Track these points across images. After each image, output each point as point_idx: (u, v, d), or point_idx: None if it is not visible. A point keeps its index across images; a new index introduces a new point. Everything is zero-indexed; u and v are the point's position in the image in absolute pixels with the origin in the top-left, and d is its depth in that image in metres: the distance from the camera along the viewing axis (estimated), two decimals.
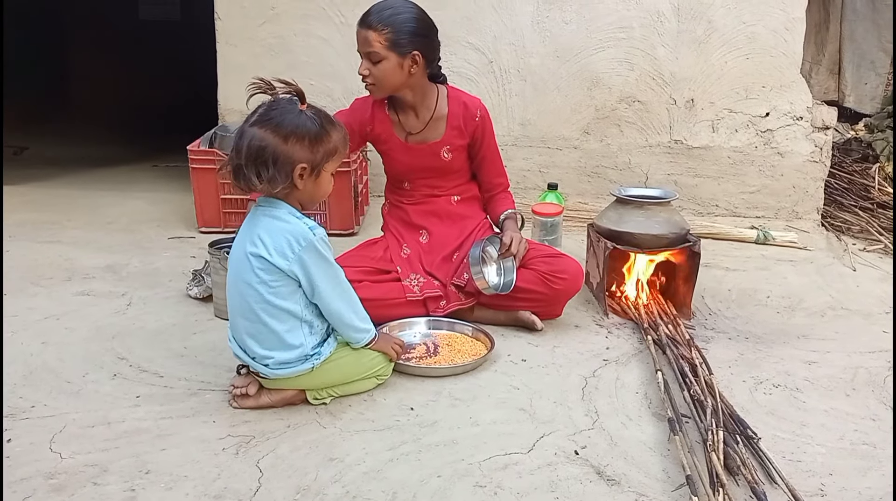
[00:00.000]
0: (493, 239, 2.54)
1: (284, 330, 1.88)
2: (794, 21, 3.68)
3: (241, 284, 1.88)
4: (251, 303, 1.86)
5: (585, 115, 3.90)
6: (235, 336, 1.95)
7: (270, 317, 1.86)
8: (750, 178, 3.85)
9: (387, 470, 1.71)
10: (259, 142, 1.78)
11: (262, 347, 1.89)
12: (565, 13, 3.78)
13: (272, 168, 1.79)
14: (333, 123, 1.89)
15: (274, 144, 1.79)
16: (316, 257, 1.85)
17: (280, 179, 1.80)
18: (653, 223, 2.59)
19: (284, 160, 1.79)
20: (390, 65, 2.35)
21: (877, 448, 1.87)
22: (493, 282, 2.47)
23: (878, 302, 2.84)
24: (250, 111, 1.86)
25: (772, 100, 3.76)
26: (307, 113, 1.83)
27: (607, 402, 2.06)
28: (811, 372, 2.26)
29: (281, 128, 1.79)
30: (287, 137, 1.79)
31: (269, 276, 1.84)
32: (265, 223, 1.86)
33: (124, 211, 3.84)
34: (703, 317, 2.67)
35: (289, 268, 1.84)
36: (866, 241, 3.61)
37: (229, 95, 3.97)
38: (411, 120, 2.53)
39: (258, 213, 1.89)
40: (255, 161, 1.78)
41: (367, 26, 2.33)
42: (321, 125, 1.84)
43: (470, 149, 2.61)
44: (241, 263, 1.88)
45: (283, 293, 1.86)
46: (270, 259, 1.83)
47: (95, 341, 2.35)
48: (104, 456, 1.74)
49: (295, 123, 1.80)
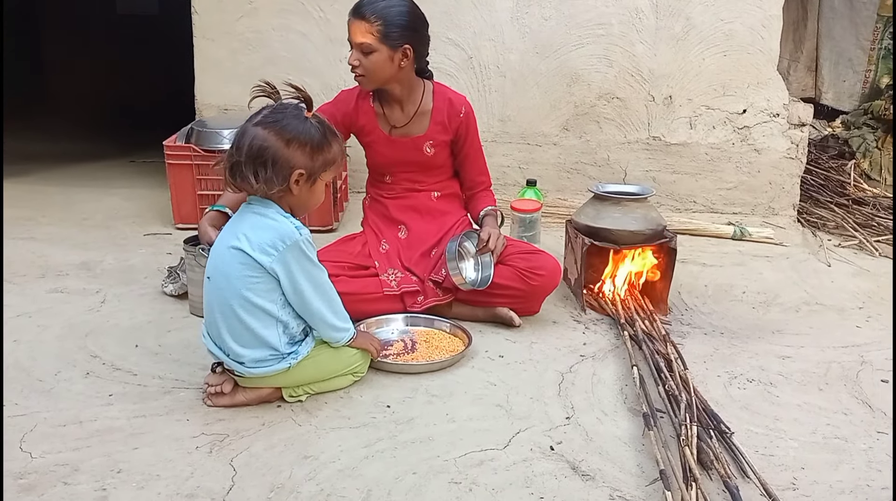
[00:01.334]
0: (470, 234, 2.54)
1: (260, 327, 1.87)
2: (770, 18, 3.70)
3: (219, 278, 1.87)
4: (228, 298, 1.85)
5: (565, 111, 3.90)
6: (211, 333, 1.93)
7: (246, 313, 1.85)
8: (727, 174, 3.87)
9: (362, 468, 1.70)
10: (261, 142, 1.79)
11: (238, 344, 1.87)
12: (544, 9, 3.78)
13: (270, 169, 1.80)
14: (336, 134, 1.91)
15: (276, 147, 1.80)
16: (299, 256, 1.85)
17: (277, 181, 1.81)
18: (630, 220, 2.60)
19: (284, 163, 1.80)
20: (381, 57, 2.35)
21: (848, 441, 1.89)
22: (470, 277, 2.47)
23: (851, 297, 2.87)
24: (254, 111, 1.87)
25: (749, 97, 3.78)
26: (312, 121, 1.85)
27: (583, 397, 2.07)
28: (785, 367, 2.28)
29: (285, 131, 1.80)
30: (289, 142, 1.81)
31: (249, 272, 1.83)
32: (251, 220, 1.86)
33: (100, 207, 3.79)
34: (679, 312, 2.69)
35: (270, 265, 1.83)
36: (841, 237, 3.65)
37: (206, 90, 3.94)
38: (396, 113, 2.53)
39: (247, 210, 1.89)
40: (255, 160, 1.79)
41: (360, 17, 2.33)
42: (324, 135, 1.86)
43: (453, 146, 2.61)
44: (222, 257, 1.87)
45: (260, 291, 1.85)
46: (252, 255, 1.82)
47: (68, 339, 2.32)
48: (75, 456, 1.72)
49: (299, 129, 1.82)
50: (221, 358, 1.91)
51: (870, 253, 3.41)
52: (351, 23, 2.35)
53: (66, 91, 6.74)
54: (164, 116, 4.26)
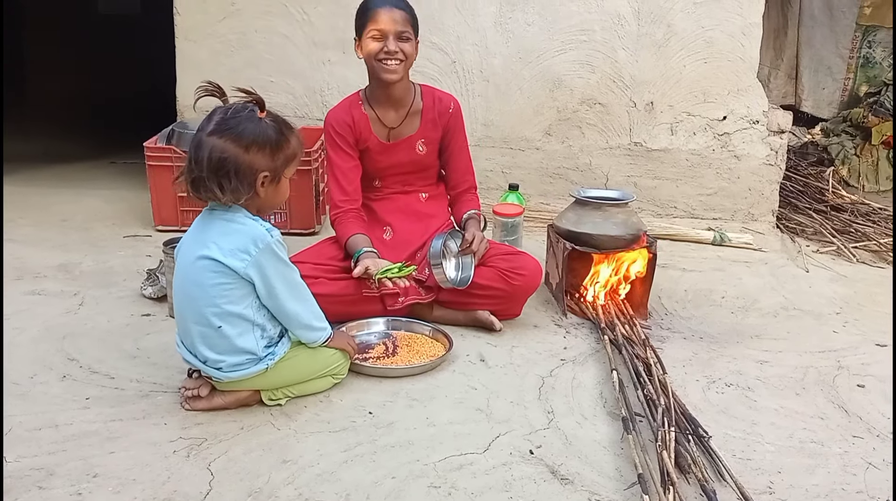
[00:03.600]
0: (455, 234, 2.55)
1: (236, 334, 1.85)
2: (750, 26, 3.74)
3: (191, 287, 1.85)
4: (201, 307, 1.83)
5: (547, 116, 3.92)
6: (185, 341, 1.92)
7: (222, 322, 1.83)
8: (707, 180, 3.91)
9: (340, 472, 1.70)
10: (220, 153, 1.75)
11: (214, 351, 1.86)
12: (528, 15, 3.79)
13: (234, 179, 1.76)
14: (291, 128, 1.87)
15: (235, 155, 1.76)
16: (273, 258, 1.84)
17: (243, 189, 1.78)
18: (610, 224, 2.61)
19: (247, 170, 1.77)
20: (413, 45, 2.45)
21: (824, 445, 1.91)
22: (450, 276, 2.47)
23: (829, 303, 2.91)
24: (205, 116, 1.83)
25: (729, 104, 3.82)
26: (266, 121, 1.82)
27: (563, 401, 2.08)
28: (763, 372, 2.31)
29: (242, 137, 1.77)
30: (248, 147, 1.77)
31: (222, 279, 1.81)
32: (219, 226, 1.83)
33: (79, 209, 3.75)
34: (659, 317, 2.70)
35: (244, 271, 1.81)
36: (820, 243, 3.69)
37: (188, 91, 3.91)
38: (390, 115, 2.55)
39: (213, 216, 1.86)
40: (217, 173, 1.76)
41: (396, 6, 2.40)
42: (280, 132, 1.83)
43: (441, 142, 2.64)
44: (191, 267, 1.84)
45: (234, 297, 1.83)
46: (225, 262, 1.80)
47: (45, 341, 2.30)
48: (51, 460, 1.71)
49: (255, 132, 1.78)
50: (198, 366, 1.89)
51: (847, 259, 3.45)
52: (384, 12, 2.38)
53: (47, 91, 6.67)
54: (147, 116, 4.23)
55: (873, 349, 2.50)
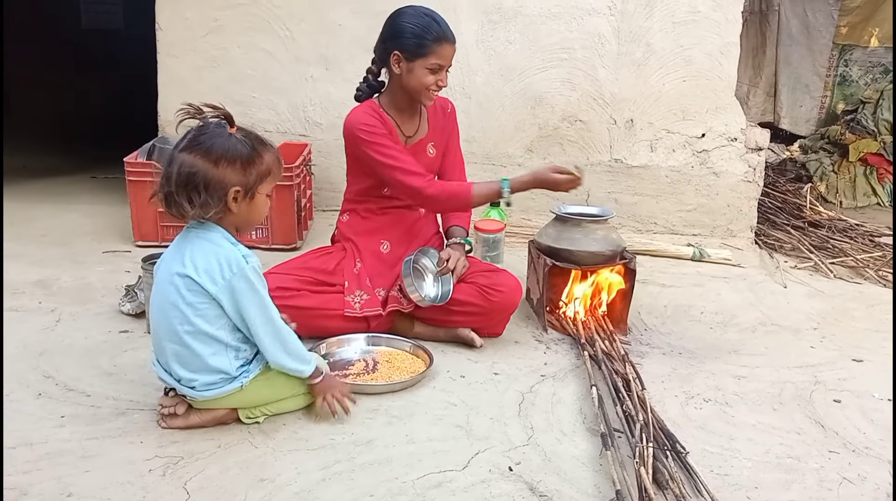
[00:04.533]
0: (426, 250, 2.56)
1: (209, 354, 1.84)
2: (728, 46, 3.80)
3: (166, 305, 1.84)
4: (175, 325, 1.82)
5: (529, 133, 3.95)
6: (160, 359, 1.90)
7: (194, 340, 1.82)
8: (687, 197, 3.95)
9: (318, 491, 1.69)
10: (189, 168, 1.75)
11: (187, 370, 1.85)
12: (509, 33, 3.83)
13: (203, 193, 1.76)
14: (265, 143, 1.86)
15: (204, 169, 1.76)
16: (246, 286, 1.81)
17: (212, 203, 1.77)
18: (590, 240, 2.63)
19: (216, 185, 1.77)
20: None
21: (800, 461, 1.92)
22: (429, 294, 2.47)
23: (806, 318, 2.94)
24: (179, 137, 1.83)
25: (707, 121, 3.87)
26: (237, 136, 1.81)
27: (543, 417, 2.08)
28: (741, 387, 2.32)
29: (211, 152, 1.76)
30: (217, 161, 1.77)
31: (196, 298, 1.80)
32: (198, 245, 1.82)
33: (59, 224, 3.73)
34: (638, 333, 2.72)
35: (216, 293, 1.80)
36: (798, 259, 3.73)
37: (169, 106, 3.90)
38: (407, 121, 2.58)
39: (190, 235, 1.85)
40: (186, 187, 1.75)
41: (454, 41, 2.44)
42: (252, 147, 1.81)
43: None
44: (167, 284, 1.83)
45: (208, 317, 1.82)
46: (198, 280, 1.79)
47: (21, 358, 2.27)
48: (24, 479, 1.68)
49: (224, 147, 1.77)
50: (173, 385, 1.88)
51: (825, 275, 3.49)
52: (450, 48, 2.43)
53: (28, 105, 6.62)
54: (129, 130, 4.21)
55: (850, 364, 2.53)
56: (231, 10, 3.82)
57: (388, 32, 2.45)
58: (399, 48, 2.41)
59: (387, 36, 2.45)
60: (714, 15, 3.75)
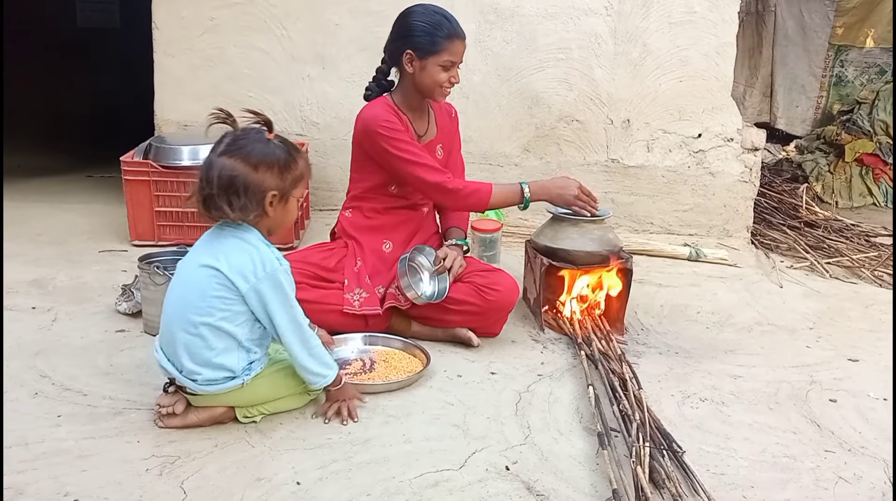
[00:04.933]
0: (421, 248, 2.56)
1: (221, 349, 1.85)
2: (724, 46, 3.80)
3: (188, 295, 1.85)
4: (193, 316, 1.83)
5: (526, 133, 3.95)
6: (165, 348, 1.90)
7: (210, 333, 1.84)
8: (683, 196, 3.95)
9: (315, 490, 1.69)
10: (230, 171, 1.80)
11: (194, 362, 1.85)
12: (506, 33, 3.83)
13: (243, 197, 1.81)
14: (298, 150, 1.92)
15: (244, 173, 1.80)
16: (276, 287, 1.85)
17: (252, 206, 1.82)
18: (587, 240, 2.64)
19: (255, 188, 1.81)
20: None
21: (796, 460, 1.93)
22: (426, 292, 2.47)
23: (802, 318, 2.94)
24: (216, 140, 1.87)
25: (704, 121, 3.88)
26: (275, 142, 1.86)
27: (540, 417, 2.08)
28: (737, 386, 2.33)
29: (251, 157, 1.81)
30: (257, 166, 1.82)
31: (223, 293, 1.83)
32: (233, 243, 1.85)
33: (54, 223, 3.72)
34: (635, 332, 2.73)
35: (246, 291, 1.83)
36: (793, 258, 3.74)
37: (166, 105, 3.91)
38: (418, 121, 2.59)
39: (225, 233, 1.87)
40: (227, 191, 1.80)
41: (464, 35, 2.46)
42: (288, 153, 1.87)
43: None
44: (194, 274, 1.86)
45: (230, 314, 1.84)
46: (230, 276, 1.82)
47: (17, 358, 2.26)
48: (20, 479, 1.68)
49: (264, 152, 1.82)
50: (173, 374, 1.88)
51: (821, 275, 3.50)
52: (461, 44, 2.45)
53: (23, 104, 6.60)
54: (125, 129, 4.21)
55: (845, 364, 2.54)
56: (227, 10, 3.81)
57: (399, 31, 2.46)
58: (411, 46, 2.42)
59: (398, 35, 2.46)
60: (710, 15, 3.76)
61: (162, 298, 2.38)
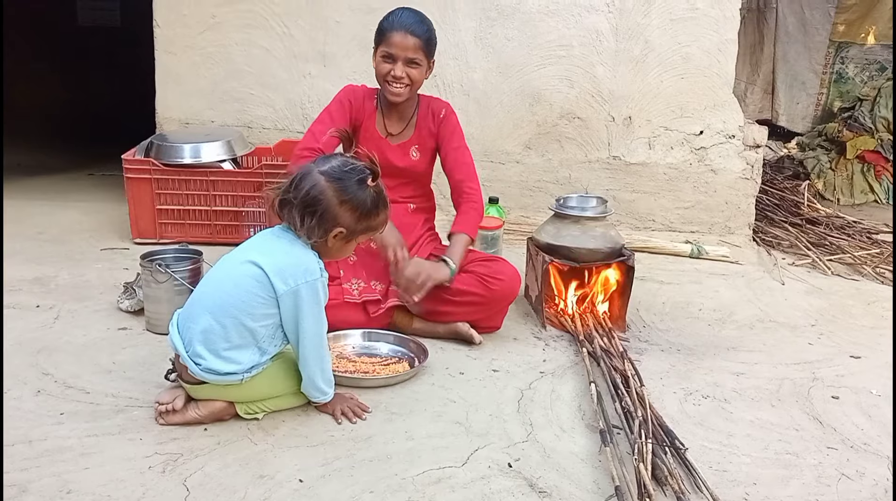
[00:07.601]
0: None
1: (236, 343, 1.87)
2: (726, 43, 3.80)
3: (228, 283, 1.89)
4: (226, 304, 1.86)
5: (527, 130, 3.95)
6: (182, 324, 1.92)
7: (233, 327, 1.86)
8: (685, 194, 3.95)
9: (318, 487, 1.69)
10: (318, 193, 1.85)
11: (206, 347, 1.86)
12: (507, 30, 3.83)
13: (316, 219, 1.85)
14: (386, 205, 1.96)
15: (329, 201, 1.86)
16: (313, 296, 1.88)
17: (318, 232, 1.87)
18: (588, 238, 2.64)
19: (330, 219, 1.87)
20: (422, 70, 2.50)
21: (799, 457, 1.93)
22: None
23: (804, 315, 2.94)
24: (327, 157, 1.94)
25: (705, 118, 3.87)
26: (371, 190, 1.90)
27: (542, 414, 2.08)
28: (739, 383, 2.33)
29: (343, 192, 1.87)
30: (343, 202, 1.87)
31: (259, 291, 1.86)
32: (285, 247, 1.90)
33: (56, 221, 3.72)
34: (637, 329, 2.72)
35: (283, 293, 1.86)
36: (795, 256, 3.74)
37: (167, 103, 3.90)
38: (394, 120, 2.60)
39: (283, 237, 1.91)
40: (306, 207, 1.86)
41: (412, 32, 2.42)
42: (376, 204, 1.92)
43: (438, 150, 2.66)
44: (236, 267, 1.89)
45: (260, 313, 1.87)
46: (270, 276, 1.85)
47: (19, 356, 2.26)
48: (23, 476, 1.68)
49: (356, 193, 1.88)
50: (179, 351, 1.88)
51: (822, 272, 3.50)
52: (398, 36, 2.42)
53: (24, 102, 6.60)
54: (126, 127, 4.20)
55: (847, 360, 2.54)
56: (228, 7, 3.81)
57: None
58: (374, 43, 2.50)
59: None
60: (712, 12, 3.75)
61: (164, 295, 2.42)
